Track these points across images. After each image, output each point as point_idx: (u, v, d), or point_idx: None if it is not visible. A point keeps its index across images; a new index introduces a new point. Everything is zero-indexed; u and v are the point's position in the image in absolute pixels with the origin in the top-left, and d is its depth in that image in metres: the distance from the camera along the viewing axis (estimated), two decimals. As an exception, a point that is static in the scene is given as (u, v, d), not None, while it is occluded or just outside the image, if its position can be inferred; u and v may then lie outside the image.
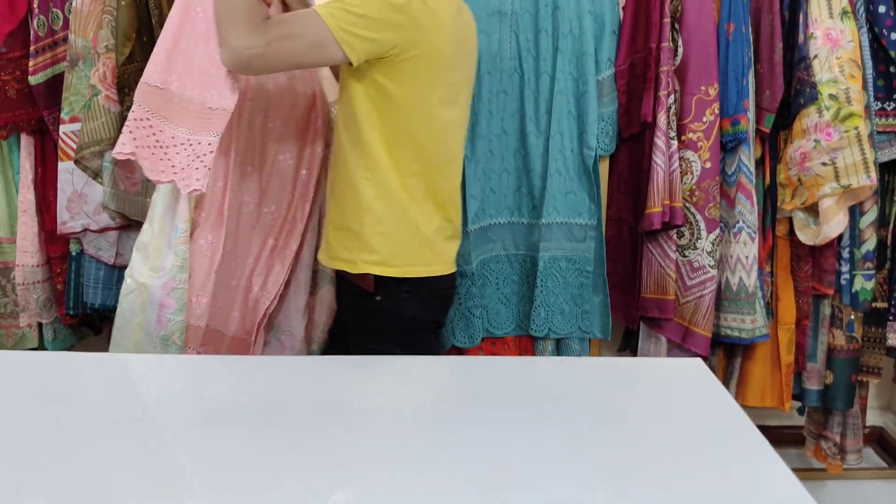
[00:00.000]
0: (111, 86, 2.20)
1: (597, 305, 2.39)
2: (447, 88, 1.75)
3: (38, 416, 1.27)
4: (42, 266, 2.45)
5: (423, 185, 1.77)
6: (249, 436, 1.22)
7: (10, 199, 2.44)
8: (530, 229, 2.36)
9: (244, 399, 1.37)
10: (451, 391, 1.44)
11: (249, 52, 1.60)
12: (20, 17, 2.31)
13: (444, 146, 1.81)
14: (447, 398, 1.41)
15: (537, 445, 1.20)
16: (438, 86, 1.72)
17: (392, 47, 1.64)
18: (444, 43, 1.69)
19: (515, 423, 1.27)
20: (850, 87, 2.22)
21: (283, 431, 1.23)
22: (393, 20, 1.62)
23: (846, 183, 2.23)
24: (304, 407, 1.33)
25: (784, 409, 2.48)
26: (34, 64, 2.29)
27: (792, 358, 2.45)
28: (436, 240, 1.81)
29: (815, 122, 2.23)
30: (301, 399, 1.37)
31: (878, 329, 2.49)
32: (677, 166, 2.27)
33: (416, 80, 1.69)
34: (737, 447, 1.24)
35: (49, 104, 2.33)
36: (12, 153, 2.42)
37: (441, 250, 1.84)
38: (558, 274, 2.33)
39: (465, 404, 1.37)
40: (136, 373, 1.52)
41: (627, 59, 2.34)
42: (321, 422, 1.27)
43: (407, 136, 1.73)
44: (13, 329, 2.48)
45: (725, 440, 1.27)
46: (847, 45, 2.22)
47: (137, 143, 1.74)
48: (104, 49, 2.19)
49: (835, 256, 2.39)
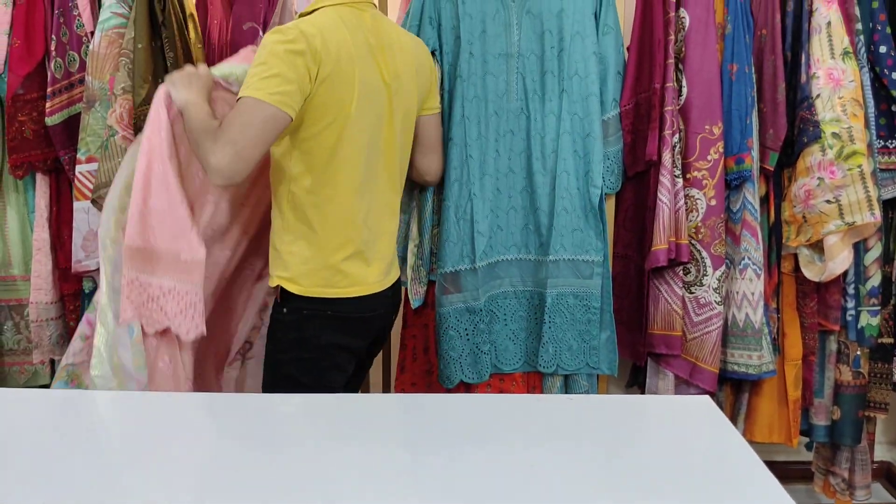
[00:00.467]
0: (128, 126, 2.24)
1: (604, 341, 2.41)
2: (353, 111, 1.82)
3: (50, 454, 1.29)
4: (55, 303, 2.48)
5: (334, 209, 1.87)
6: (269, 470, 1.23)
7: (25, 237, 2.47)
8: (538, 266, 2.38)
9: (257, 436, 1.39)
10: (460, 428, 1.46)
11: (226, 162, 1.69)
12: (38, 60, 2.36)
13: (355, 170, 1.87)
14: (455, 435, 1.42)
15: (546, 482, 1.21)
16: (344, 107, 1.81)
17: (309, 76, 1.74)
18: (345, 67, 1.78)
19: (524, 460, 1.29)
20: (852, 125, 2.25)
21: (300, 465, 1.25)
22: (297, 50, 1.72)
23: (850, 220, 2.26)
24: (307, 441, 1.35)
25: (792, 444, 2.48)
26: (51, 105, 2.34)
27: (799, 394, 2.46)
28: (346, 264, 1.90)
29: (819, 160, 2.26)
30: (302, 434, 1.39)
31: (884, 364, 2.51)
32: (682, 204, 2.30)
33: (324, 108, 1.79)
34: (746, 485, 1.25)
35: (65, 144, 2.37)
36: (27, 192, 2.47)
37: (352, 272, 1.91)
38: (566, 310, 2.35)
39: (473, 442, 1.39)
40: (148, 410, 1.54)
41: (632, 98, 2.38)
42: (323, 454, 1.28)
43: (314, 160, 1.83)
44: (26, 366, 2.51)
45: (735, 478, 1.28)
46: (849, 84, 2.26)
47: (134, 305, 1.88)
48: (121, 90, 2.24)
49: (840, 293, 2.41)
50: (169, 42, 2.27)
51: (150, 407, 1.56)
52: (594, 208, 2.33)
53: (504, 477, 1.23)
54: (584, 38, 2.28)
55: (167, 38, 2.26)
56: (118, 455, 1.32)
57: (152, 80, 2.25)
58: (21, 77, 2.34)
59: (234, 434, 1.41)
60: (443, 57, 2.30)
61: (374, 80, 1.86)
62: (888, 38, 2.33)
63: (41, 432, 1.40)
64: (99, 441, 1.40)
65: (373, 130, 1.88)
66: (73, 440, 1.37)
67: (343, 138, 1.82)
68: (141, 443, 1.38)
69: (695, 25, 2.30)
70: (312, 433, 1.43)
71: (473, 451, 1.34)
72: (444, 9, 2.28)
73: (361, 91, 1.82)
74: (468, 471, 1.26)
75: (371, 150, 1.89)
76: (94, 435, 1.44)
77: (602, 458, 1.34)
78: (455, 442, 1.38)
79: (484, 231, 2.33)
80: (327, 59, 1.75)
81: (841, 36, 2.26)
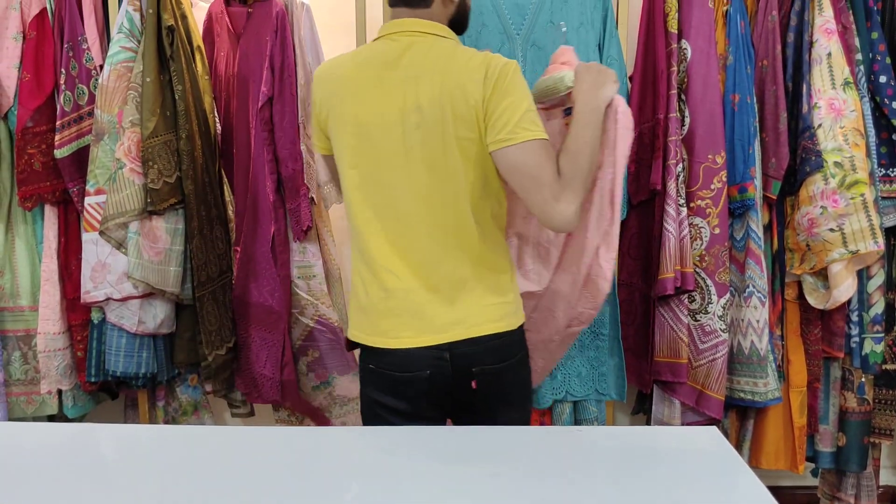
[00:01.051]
0: (136, 159, 2.27)
1: (612, 368, 2.42)
2: (349, 149, 1.70)
3: (58, 487, 1.30)
4: (63, 333, 2.49)
5: (357, 248, 1.74)
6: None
7: (34, 268, 2.49)
8: (544, 294, 2.39)
9: (262, 470, 1.39)
10: (469, 460, 1.46)
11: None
12: (47, 93, 2.39)
13: (357, 208, 1.71)
14: (465, 467, 1.43)
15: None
16: (345, 146, 1.70)
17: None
18: (344, 102, 1.68)
19: (533, 493, 1.30)
20: (854, 155, 2.28)
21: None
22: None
23: (854, 248, 2.28)
24: (312, 478, 1.36)
25: (798, 471, 2.49)
26: (60, 138, 2.36)
27: (804, 420, 2.47)
28: (372, 310, 1.71)
29: (822, 189, 2.29)
30: (305, 470, 1.40)
31: (888, 391, 2.52)
32: (687, 232, 2.32)
33: (333, 141, 1.73)
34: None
35: (74, 177, 2.39)
36: (36, 223, 2.49)
37: (376, 322, 1.70)
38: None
39: (482, 475, 1.39)
40: (154, 444, 1.55)
41: (636, 128, 2.39)
42: (331, 492, 1.29)
43: (345, 198, 1.75)
44: (33, 395, 2.51)
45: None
46: (850, 114, 2.29)
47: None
48: (129, 124, 2.27)
49: (844, 320, 2.43)
50: (177, 75, 2.29)
51: (160, 440, 1.57)
52: (603, 237, 2.35)
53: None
54: (588, 71, 2.31)
55: (175, 71, 2.29)
56: (126, 489, 1.32)
57: (160, 113, 2.28)
58: (31, 110, 2.36)
59: (237, 468, 1.42)
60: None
61: (373, 116, 1.65)
62: (888, 68, 2.36)
63: (49, 465, 1.41)
64: (108, 475, 1.41)
65: (376, 169, 1.67)
66: (82, 473, 1.37)
67: (343, 179, 1.73)
68: (149, 476, 1.39)
69: (696, 57, 2.33)
70: (325, 467, 1.44)
71: (483, 482, 1.35)
72: (449, 41, 2.30)
73: (354, 130, 1.67)
74: (478, 502, 1.27)
75: (381, 190, 1.68)
76: (103, 468, 1.44)
77: (610, 489, 1.35)
78: (465, 474, 1.39)
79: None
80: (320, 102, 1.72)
81: (841, 66, 2.29)
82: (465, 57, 1.63)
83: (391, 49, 1.67)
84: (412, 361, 1.67)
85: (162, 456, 1.48)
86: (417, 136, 1.62)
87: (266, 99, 2.39)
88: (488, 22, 2.29)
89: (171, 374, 2.52)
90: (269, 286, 2.45)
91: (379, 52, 1.68)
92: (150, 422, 2.59)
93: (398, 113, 1.63)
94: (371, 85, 1.66)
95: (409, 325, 1.67)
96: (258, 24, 2.44)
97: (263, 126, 2.41)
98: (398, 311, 1.68)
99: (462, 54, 1.64)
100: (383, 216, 1.68)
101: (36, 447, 1.51)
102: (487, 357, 1.68)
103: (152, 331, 2.40)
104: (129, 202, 2.27)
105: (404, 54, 1.65)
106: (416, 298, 1.67)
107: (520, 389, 1.78)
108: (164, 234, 2.34)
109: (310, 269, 2.51)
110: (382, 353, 1.70)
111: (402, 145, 1.64)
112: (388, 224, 1.68)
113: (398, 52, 1.65)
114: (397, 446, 1.53)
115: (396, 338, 1.68)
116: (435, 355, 1.66)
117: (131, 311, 2.36)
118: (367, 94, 1.66)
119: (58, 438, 1.59)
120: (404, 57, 1.64)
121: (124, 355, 2.37)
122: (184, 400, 2.59)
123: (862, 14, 2.37)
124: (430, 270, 1.67)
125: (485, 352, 1.68)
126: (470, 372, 1.68)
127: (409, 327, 1.67)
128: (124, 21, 2.31)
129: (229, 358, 2.48)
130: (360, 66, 1.69)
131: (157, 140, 2.28)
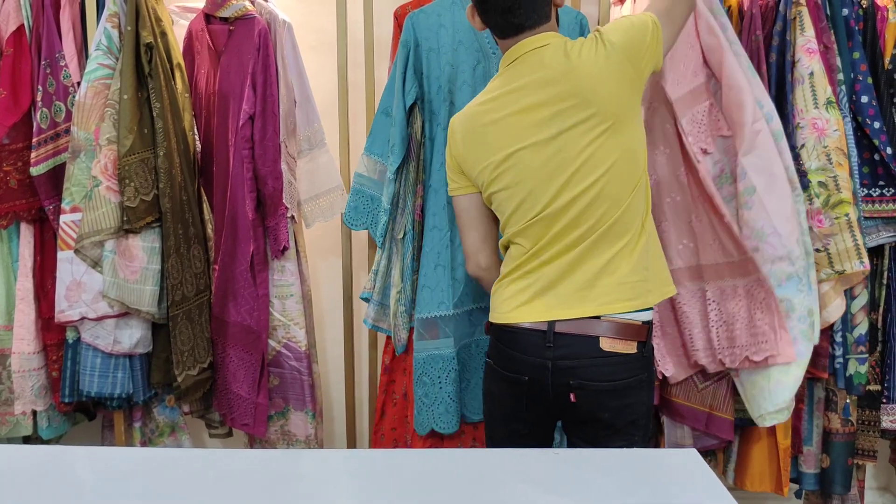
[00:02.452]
0: (112, 177, 2.25)
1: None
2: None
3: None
4: (38, 353, 2.45)
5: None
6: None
7: (9, 286, 2.46)
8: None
9: (241, 494, 1.37)
10: (440, 485, 1.44)
11: None
12: (24, 110, 2.37)
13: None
14: (437, 492, 1.41)
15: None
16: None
17: None
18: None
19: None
20: (838, 174, 2.27)
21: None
22: None
23: (840, 268, 2.27)
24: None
25: (782, 493, 2.47)
26: (36, 155, 2.33)
27: (789, 442, 2.45)
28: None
29: (806, 208, 2.27)
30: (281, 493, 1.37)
31: (872, 412, 2.50)
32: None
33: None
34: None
35: (50, 194, 2.37)
36: (11, 241, 2.45)
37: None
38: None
39: (455, 498, 1.37)
40: (129, 466, 1.52)
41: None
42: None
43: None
44: (7, 416, 2.47)
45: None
46: (833, 133, 2.28)
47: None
48: (106, 141, 2.25)
49: (828, 340, 2.40)
50: (156, 93, 2.27)
51: (136, 462, 1.54)
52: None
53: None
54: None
55: (154, 88, 2.27)
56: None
57: (137, 131, 2.26)
58: (7, 127, 2.34)
59: (215, 492, 1.39)
60: (425, 106, 2.32)
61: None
62: (869, 88, 2.35)
63: (21, 489, 1.38)
64: (81, 499, 1.38)
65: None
66: (54, 497, 1.35)
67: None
68: (123, 499, 1.36)
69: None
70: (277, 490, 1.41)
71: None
72: (427, 59, 2.29)
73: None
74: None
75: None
76: (77, 491, 1.41)
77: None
78: (437, 499, 1.37)
79: (460, 278, 2.33)
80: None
81: (824, 86, 2.28)
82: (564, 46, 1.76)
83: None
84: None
85: (137, 479, 1.46)
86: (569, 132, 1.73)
87: (248, 117, 2.38)
88: (465, 40, 2.27)
89: (147, 395, 2.48)
90: (247, 305, 2.43)
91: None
92: (126, 443, 2.55)
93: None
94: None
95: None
96: (240, 42, 2.42)
97: (244, 144, 2.39)
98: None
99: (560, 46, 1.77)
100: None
101: (8, 469, 1.48)
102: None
103: (128, 351, 2.36)
104: (105, 220, 2.24)
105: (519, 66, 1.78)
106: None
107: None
108: (141, 253, 2.31)
109: (287, 289, 2.48)
110: None
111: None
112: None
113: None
114: (363, 469, 1.51)
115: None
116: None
117: (106, 330, 2.33)
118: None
119: (29, 460, 1.56)
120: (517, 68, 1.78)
121: (99, 375, 2.34)
122: (161, 421, 2.56)
123: (843, 34, 2.37)
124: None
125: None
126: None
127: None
128: (102, 38, 2.29)
129: (202, 378, 2.44)
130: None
131: (134, 158, 2.25)
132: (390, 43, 2.50)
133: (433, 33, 2.28)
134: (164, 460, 1.59)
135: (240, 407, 2.47)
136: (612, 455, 1.65)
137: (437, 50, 2.28)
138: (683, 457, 1.60)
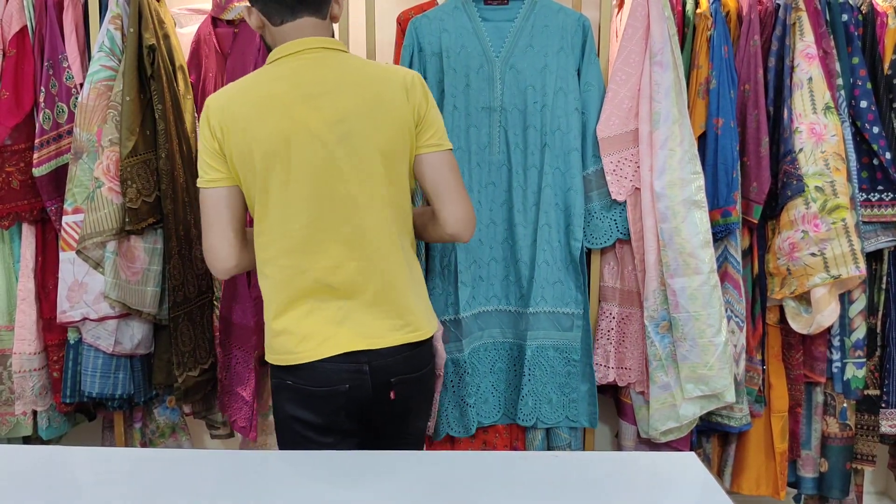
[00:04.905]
0: (114, 178, 2.25)
1: (584, 394, 2.41)
2: (280, 167, 1.72)
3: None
4: (39, 354, 2.45)
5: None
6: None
7: (10, 287, 2.46)
8: (518, 318, 2.39)
9: (240, 495, 1.37)
10: (442, 487, 1.45)
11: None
12: (26, 112, 2.37)
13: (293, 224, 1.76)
14: (438, 494, 1.41)
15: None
16: (270, 166, 1.72)
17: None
18: (266, 122, 1.73)
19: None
20: (835, 179, 2.28)
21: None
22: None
23: (836, 273, 2.27)
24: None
25: (780, 497, 2.47)
26: (38, 156, 2.34)
27: (786, 446, 2.46)
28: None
29: (803, 213, 2.28)
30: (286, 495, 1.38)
31: (870, 416, 2.51)
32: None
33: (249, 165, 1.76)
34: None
35: (52, 195, 2.37)
36: (13, 242, 2.46)
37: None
38: (546, 363, 2.35)
39: (461, 499, 1.38)
40: (129, 467, 1.52)
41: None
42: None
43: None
44: (7, 417, 2.48)
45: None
46: (831, 138, 2.29)
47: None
48: (108, 142, 2.25)
49: (826, 344, 2.42)
50: (158, 94, 2.28)
51: (135, 463, 1.55)
52: (575, 261, 2.35)
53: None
54: (566, 94, 2.31)
55: (156, 90, 2.28)
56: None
57: (140, 132, 2.27)
58: (9, 128, 2.34)
59: (215, 493, 1.40)
60: (428, 110, 2.33)
61: (278, 135, 1.67)
62: (868, 93, 2.36)
63: (20, 489, 1.39)
64: (81, 498, 1.39)
65: (298, 185, 1.69)
66: (54, 498, 1.35)
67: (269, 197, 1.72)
68: (123, 500, 1.37)
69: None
70: (303, 493, 1.42)
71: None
72: (429, 63, 2.31)
73: (267, 149, 1.67)
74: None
75: (312, 204, 1.71)
76: (76, 492, 1.42)
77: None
78: (437, 500, 1.37)
79: (467, 281, 2.34)
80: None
81: (822, 91, 2.29)
82: (379, 68, 1.76)
83: (287, 68, 1.71)
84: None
85: (137, 480, 1.47)
86: (345, 148, 1.68)
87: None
88: (468, 44, 2.29)
89: (148, 396, 2.49)
90: (246, 306, 2.43)
91: (276, 73, 1.72)
92: (126, 444, 2.56)
93: (323, 126, 1.68)
94: (296, 102, 1.68)
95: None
96: (243, 44, 2.44)
97: (246, 146, 2.39)
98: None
99: (374, 65, 1.78)
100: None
101: (8, 469, 1.48)
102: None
103: (129, 351, 2.37)
104: (107, 221, 2.25)
105: (311, 70, 1.70)
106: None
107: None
108: (143, 254, 2.32)
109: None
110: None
111: (327, 159, 1.68)
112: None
113: (302, 68, 1.70)
114: (384, 471, 1.51)
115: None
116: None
117: (108, 331, 2.33)
118: (293, 110, 1.68)
119: (29, 460, 1.56)
120: (311, 74, 1.70)
121: (100, 376, 2.34)
122: (161, 422, 2.56)
123: (843, 39, 2.38)
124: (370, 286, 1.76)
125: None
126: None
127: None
128: (105, 40, 2.30)
129: (203, 379, 2.44)
130: (275, 84, 1.71)
131: (137, 159, 2.26)
132: (393, 48, 2.51)
133: (436, 38, 2.30)
134: (163, 461, 1.59)
135: (241, 409, 2.47)
136: (611, 458, 1.66)
137: (439, 54, 2.30)
138: (682, 460, 1.60)
